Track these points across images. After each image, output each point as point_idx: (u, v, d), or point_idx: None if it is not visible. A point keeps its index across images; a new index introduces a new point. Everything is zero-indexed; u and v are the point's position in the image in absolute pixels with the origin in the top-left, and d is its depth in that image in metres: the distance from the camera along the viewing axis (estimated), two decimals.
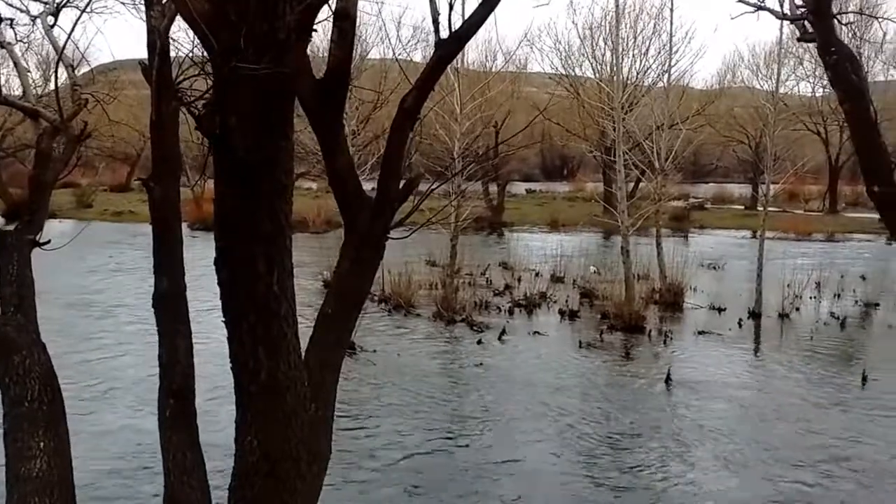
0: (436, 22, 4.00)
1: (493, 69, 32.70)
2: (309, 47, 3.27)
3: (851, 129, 5.67)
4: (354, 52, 3.85)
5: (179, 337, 5.05)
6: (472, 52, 38.83)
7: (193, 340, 5.20)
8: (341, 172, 4.02)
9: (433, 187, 5.04)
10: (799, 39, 5.94)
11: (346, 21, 3.41)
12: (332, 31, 3.46)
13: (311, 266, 19.24)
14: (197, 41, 2.72)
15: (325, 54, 3.67)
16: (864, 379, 12.71)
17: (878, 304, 19.40)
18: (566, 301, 18.50)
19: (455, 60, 18.49)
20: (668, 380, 12.52)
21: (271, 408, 3.00)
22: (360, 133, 23.18)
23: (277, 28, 2.45)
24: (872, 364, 13.54)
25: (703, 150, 48.67)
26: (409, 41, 35.41)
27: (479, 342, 15.10)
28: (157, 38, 4.92)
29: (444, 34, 3.95)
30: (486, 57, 36.60)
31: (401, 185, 4.07)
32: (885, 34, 41.91)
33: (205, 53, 2.64)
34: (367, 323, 15.95)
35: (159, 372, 5.11)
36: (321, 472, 3.86)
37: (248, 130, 2.55)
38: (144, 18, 5.09)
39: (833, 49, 5.42)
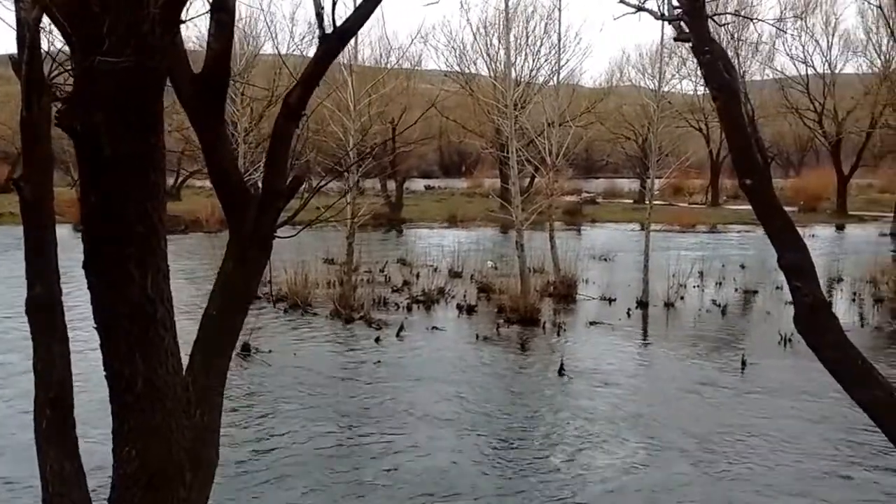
0: (319, 17, 3.94)
1: (388, 66, 32.66)
2: (197, 43, 3.16)
3: (723, 125, 5.93)
4: (246, 47, 3.77)
5: (55, 344, 4.80)
6: (366, 48, 38.72)
7: (72, 347, 4.96)
8: (224, 170, 3.91)
9: (322, 184, 4.99)
10: (675, 39, 6.17)
11: (223, 13, 3.32)
12: (210, 24, 3.35)
13: (204, 267, 18.67)
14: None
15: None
16: (744, 363, 13.41)
17: (756, 292, 20.50)
18: (464, 296, 18.69)
19: (348, 57, 18.36)
20: (561, 369, 12.85)
21: (150, 416, 2.89)
22: (254, 131, 22.61)
23: (141, 20, 2.35)
24: (751, 349, 14.31)
25: (593, 146, 50.25)
26: (303, 37, 34.82)
27: (378, 339, 15.05)
28: (27, 31, 4.66)
29: (330, 29, 3.90)
30: (381, 53, 36.56)
31: (287, 182, 4.00)
32: (759, 35, 44.33)
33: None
34: (263, 323, 15.64)
35: (34, 381, 4.85)
36: (208, 480, 3.74)
37: (114, 127, 2.43)
38: (13, 10, 4.82)
39: (706, 48, 5.65)
